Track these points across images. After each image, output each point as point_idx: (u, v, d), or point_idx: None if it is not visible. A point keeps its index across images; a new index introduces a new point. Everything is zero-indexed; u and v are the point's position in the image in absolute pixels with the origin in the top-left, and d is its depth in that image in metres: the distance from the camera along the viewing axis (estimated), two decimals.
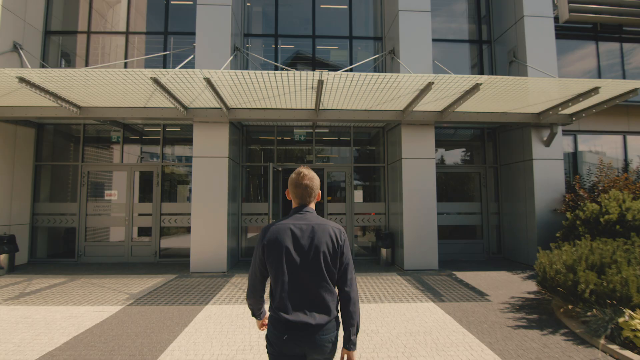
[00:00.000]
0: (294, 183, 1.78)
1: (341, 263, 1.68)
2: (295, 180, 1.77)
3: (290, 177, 1.80)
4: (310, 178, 1.77)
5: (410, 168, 7.19)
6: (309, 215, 1.74)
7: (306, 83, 5.49)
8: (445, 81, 5.40)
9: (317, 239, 1.64)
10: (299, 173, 1.78)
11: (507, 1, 8.22)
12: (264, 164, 8.77)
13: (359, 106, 6.80)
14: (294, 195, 1.80)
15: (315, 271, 1.62)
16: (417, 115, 7.00)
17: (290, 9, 9.03)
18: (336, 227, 1.72)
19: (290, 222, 1.70)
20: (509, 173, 8.40)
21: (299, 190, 1.77)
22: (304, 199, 1.78)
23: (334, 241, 1.66)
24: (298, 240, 1.65)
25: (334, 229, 1.70)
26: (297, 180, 1.76)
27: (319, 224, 1.69)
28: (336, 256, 1.66)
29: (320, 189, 1.86)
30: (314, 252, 1.63)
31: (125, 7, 8.51)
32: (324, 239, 1.64)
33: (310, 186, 1.76)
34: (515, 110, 7.10)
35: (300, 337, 1.58)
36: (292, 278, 1.62)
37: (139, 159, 8.47)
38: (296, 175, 1.77)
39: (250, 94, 6.07)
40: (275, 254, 1.64)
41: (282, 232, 1.67)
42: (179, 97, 6.12)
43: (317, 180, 1.81)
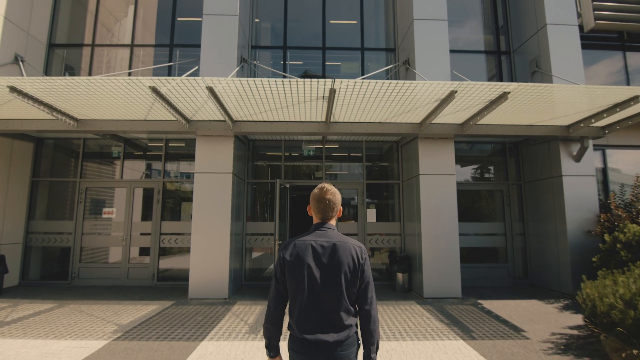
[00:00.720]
0: (316, 198, 1.78)
1: (361, 281, 1.66)
2: (317, 194, 1.78)
3: (312, 192, 1.81)
4: (332, 193, 1.77)
5: (429, 185, 6.63)
6: (330, 232, 1.73)
7: (317, 92, 5.05)
8: (470, 89, 4.91)
9: (338, 257, 1.63)
10: (321, 188, 1.78)
11: (526, 11, 7.83)
12: (271, 180, 8.29)
13: (372, 118, 6.34)
14: (315, 210, 1.79)
15: (335, 289, 1.61)
16: (435, 128, 6.49)
17: (299, 24, 8.76)
18: (357, 245, 1.71)
19: (312, 239, 1.69)
20: (534, 191, 7.76)
21: (321, 205, 1.76)
22: (326, 213, 1.77)
23: (354, 260, 1.65)
24: (319, 257, 1.64)
25: (355, 247, 1.68)
26: (320, 194, 1.77)
27: (341, 241, 1.68)
28: (356, 275, 1.64)
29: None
30: (335, 271, 1.62)
31: (131, 20, 8.33)
32: (345, 258, 1.63)
33: (332, 201, 1.76)
34: (543, 123, 6.55)
35: (319, 354, 1.57)
36: (312, 296, 1.61)
37: (143, 175, 8.06)
38: (319, 190, 1.78)
39: (256, 105, 5.65)
40: (297, 271, 1.62)
41: (304, 249, 1.66)
42: (180, 108, 5.73)
43: (339, 196, 1.80)
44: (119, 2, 8.55)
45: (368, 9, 8.78)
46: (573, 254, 6.71)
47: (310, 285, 1.61)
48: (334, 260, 1.63)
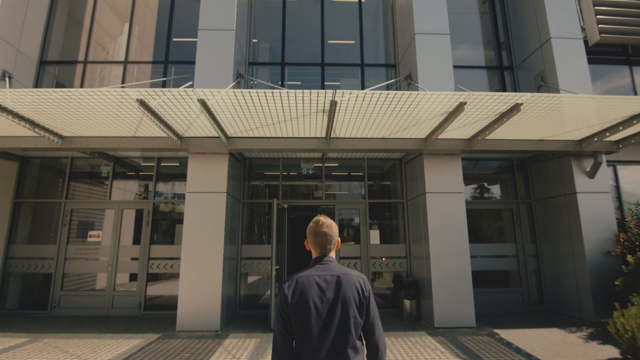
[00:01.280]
0: (313, 232, 1.78)
1: (367, 314, 1.63)
2: (314, 228, 1.78)
3: (308, 226, 1.81)
4: (328, 225, 1.77)
5: (436, 204, 6.22)
6: (332, 265, 1.72)
7: (316, 105, 4.73)
8: (479, 101, 4.60)
9: (343, 291, 1.61)
10: (317, 221, 1.79)
11: (528, 26, 7.70)
12: (268, 200, 7.86)
13: (375, 134, 6.01)
14: (313, 245, 1.79)
15: (342, 323, 1.58)
16: (441, 143, 6.16)
17: (298, 44, 8.60)
18: (360, 276, 1.70)
19: (314, 274, 1.68)
20: (546, 209, 7.35)
21: (318, 238, 1.76)
22: (324, 247, 1.76)
23: (359, 292, 1.63)
24: (324, 292, 1.62)
25: (359, 279, 1.67)
26: (316, 228, 1.77)
27: (344, 273, 1.66)
28: (362, 307, 1.62)
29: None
30: (341, 305, 1.59)
31: (125, 37, 8.15)
32: (350, 291, 1.61)
33: (329, 234, 1.76)
34: (554, 137, 6.24)
35: None
36: (319, 332, 1.56)
37: (134, 196, 7.63)
38: (314, 224, 1.79)
39: (252, 120, 5.32)
40: (302, 309, 1.58)
41: (308, 286, 1.63)
42: (171, 124, 5.39)
43: (335, 228, 1.81)
44: (114, 20, 8.41)
45: (367, 26, 8.67)
46: (593, 277, 6.23)
47: (316, 321, 1.57)
48: (339, 294, 1.60)
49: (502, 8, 8.66)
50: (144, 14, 8.39)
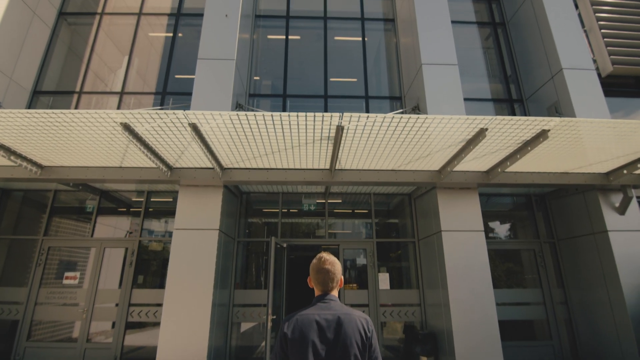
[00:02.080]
0: (315, 268, 1.76)
1: (370, 356, 1.58)
2: (316, 265, 1.76)
3: (311, 263, 1.79)
4: (331, 263, 1.76)
5: (454, 244, 5.56)
6: (334, 304, 1.68)
7: (321, 131, 4.27)
8: (502, 127, 4.14)
9: (344, 332, 1.56)
10: (319, 258, 1.78)
11: (536, 58, 7.51)
12: (265, 239, 7.18)
13: (384, 165, 5.50)
14: (315, 282, 1.76)
15: None
16: (456, 176, 5.63)
17: (300, 81, 8.42)
18: (363, 317, 1.64)
19: (315, 313, 1.63)
20: (573, 250, 6.65)
21: (320, 275, 1.74)
22: (326, 285, 1.74)
23: (362, 333, 1.59)
24: (324, 333, 1.56)
25: (361, 320, 1.62)
26: (319, 265, 1.75)
27: (346, 313, 1.62)
28: (365, 349, 1.57)
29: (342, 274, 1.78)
30: (342, 347, 1.54)
31: (124, 69, 7.97)
32: (351, 332, 1.57)
33: (332, 271, 1.74)
34: (578, 170, 5.73)
35: None
36: None
37: (127, 234, 6.97)
38: (317, 261, 1.78)
39: (249, 149, 4.84)
40: (301, 349, 1.53)
41: (307, 325, 1.58)
42: (160, 152, 4.91)
43: (338, 265, 1.79)
44: (115, 53, 8.29)
45: (370, 60, 8.53)
46: (636, 325, 5.40)
47: None
48: (340, 335, 1.56)
49: (506, 42, 8.58)
50: (145, 47, 8.29)
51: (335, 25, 8.91)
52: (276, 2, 9.12)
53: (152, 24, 8.49)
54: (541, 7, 7.37)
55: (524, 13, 8.08)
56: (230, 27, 6.70)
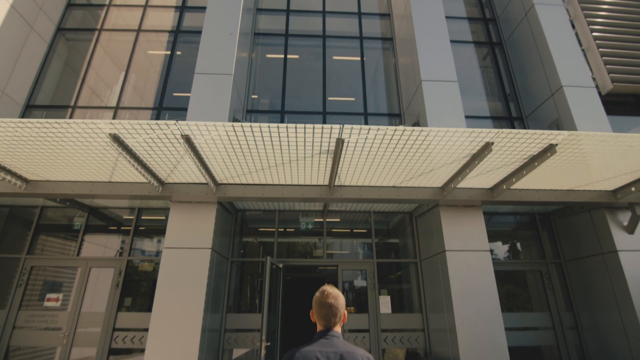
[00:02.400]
0: (318, 302, 1.75)
1: None
2: (319, 298, 1.75)
3: (314, 296, 1.78)
4: (334, 296, 1.74)
5: (459, 264, 5.29)
6: (336, 341, 1.65)
7: (320, 144, 4.09)
8: (509, 141, 3.98)
9: None
10: (323, 291, 1.76)
11: (535, 76, 7.50)
12: (260, 259, 6.86)
13: (384, 181, 5.30)
14: (318, 316, 1.74)
15: None
16: (460, 193, 5.43)
17: (299, 100, 8.34)
18: (365, 355, 1.62)
19: (317, 349, 1.60)
20: (581, 271, 6.38)
21: (323, 309, 1.72)
22: (329, 320, 1.71)
23: None
24: None
25: (363, 358, 1.59)
26: (322, 298, 1.74)
27: (348, 352, 1.59)
28: None
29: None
30: None
31: (120, 84, 7.87)
32: None
33: (335, 305, 1.72)
34: (585, 187, 5.55)
35: None
36: None
37: (116, 253, 6.63)
38: (320, 294, 1.76)
39: (245, 163, 4.63)
40: None
41: None
42: (151, 166, 4.69)
43: (342, 299, 1.77)
44: (112, 69, 8.21)
45: (369, 78, 8.51)
46: None
47: None
48: None
49: (504, 61, 8.62)
50: (142, 64, 8.22)
51: (334, 43, 8.95)
52: (275, 21, 9.21)
53: (151, 41, 8.48)
54: (538, 26, 7.44)
55: (520, 33, 8.16)
56: (229, 42, 6.65)
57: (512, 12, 8.58)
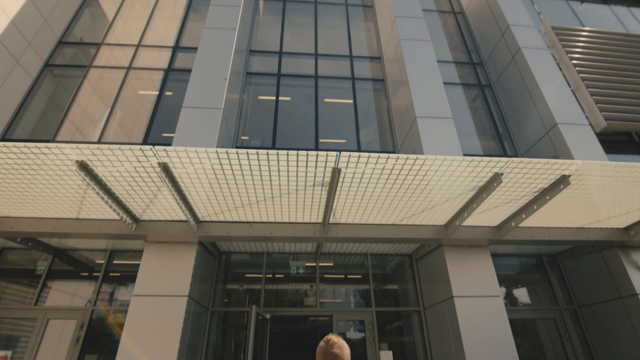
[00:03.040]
0: (322, 352, 1.66)
1: None
2: (324, 348, 1.67)
3: (318, 346, 1.71)
4: (339, 346, 1.67)
5: (469, 312, 4.70)
6: None
7: (314, 174, 3.70)
8: (519, 171, 3.67)
9: None
10: (327, 341, 1.70)
11: (528, 115, 7.50)
12: (244, 309, 6.11)
13: (383, 219, 4.87)
14: None
15: None
16: (465, 232, 5.01)
17: (290, 141, 8.14)
18: None
19: None
20: (599, 317, 5.81)
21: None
22: None
23: None
24: None
25: None
26: (326, 348, 1.66)
27: None
28: None
29: None
30: None
31: (104, 120, 7.56)
32: None
33: (339, 356, 1.63)
34: (596, 225, 5.21)
35: None
36: None
37: (86, 302, 5.82)
38: (325, 344, 1.69)
39: (230, 197, 4.18)
40: None
41: None
42: (124, 200, 4.19)
43: (347, 350, 1.69)
44: (97, 104, 7.96)
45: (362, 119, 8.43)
46: None
47: None
48: None
49: (494, 102, 8.71)
50: (130, 100, 8.00)
51: (326, 84, 8.99)
52: (268, 63, 9.29)
53: (141, 79, 8.36)
54: (527, 68, 7.59)
55: (509, 75, 8.33)
56: (220, 78, 6.52)
57: (499, 56, 8.85)
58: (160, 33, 9.21)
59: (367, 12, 11.05)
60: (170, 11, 9.78)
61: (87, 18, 9.38)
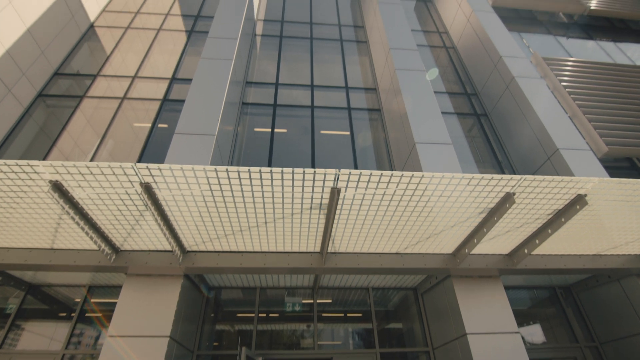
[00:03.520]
0: None
1: None
2: None
3: None
4: None
5: (485, 351, 4.20)
6: None
7: (311, 196, 3.41)
8: (533, 190, 3.41)
9: None
10: None
11: (527, 142, 7.40)
12: (233, 352, 5.51)
13: (385, 248, 4.51)
14: None
15: None
16: (475, 260, 4.64)
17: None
18: None
19: None
20: (624, 355, 5.27)
21: None
22: None
23: None
24: None
25: None
26: None
27: None
28: None
29: None
30: None
31: (94, 149, 7.33)
32: None
33: None
34: (612, 252, 4.87)
35: None
36: None
37: (63, 346, 5.20)
38: None
39: (220, 222, 3.84)
40: None
41: None
42: (103, 227, 3.83)
43: None
44: (89, 134, 7.78)
45: (358, 144, 8.30)
46: None
47: None
48: None
49: (491, 130, 8.67)
50: (122, 130, 7.85)
51: (323, 114, 8.96)
52: (264, 95, 9.31)
53: (135, 109, 8.27)
54: (522, 96, 7.61)
55: (504, 104, 8.36)
56: (214, 105, 6.41)
57: (493, 86, 8.95)
58: (157, 65, 9.29)
59: (361, 47, 11.35)
60: (169, 46, 9.95)
61: (86, 51, 9.48)
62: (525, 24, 12.17)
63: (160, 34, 10.33)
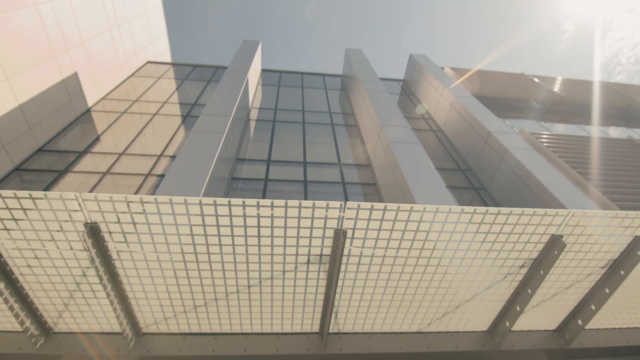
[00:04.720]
0: None
1: None
2: None
3: None
4: None
5: None
6: None
7: (309, 243, 2.67)
8: (581, 232, 2.75)
9: None
10: None
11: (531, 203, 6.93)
12: None
13: (403, 325, 3.52)
14: None
15: None
16: (517, 339, 3.61)
17: None
18: None
19: None
20: None
21: None
22: None
23: None
24: None
25: None
26: None
27: None
28: None
29: None
30: None
31: None
32: None
33: None
34: None
35: None
36: None
37: None
38: None
39: (189, 290, 2.94)
40: None
41: None
42: (29, 293, 2.87)
43: None
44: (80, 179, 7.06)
45: None
46: None
47: None
48: None
49: (493, 203, 8.28)
50: None
51: (316, 189, 8.58)
52: (255, 171, 9.06)
53: (117, 184, 7.77)
54: (520, 167, 7.47)
55: (502, 176, 8.18)
56: (197, 180, 5.97)
57: (486, 160, 8.93)
58: (147, 145, 9.17)
59: (350, 130, 11.72)
60: (161, 128, 10.05)
61: (77, 132, 9.42)
62: (504, 110, 13.05)
63: (155, 118, 10.55)
